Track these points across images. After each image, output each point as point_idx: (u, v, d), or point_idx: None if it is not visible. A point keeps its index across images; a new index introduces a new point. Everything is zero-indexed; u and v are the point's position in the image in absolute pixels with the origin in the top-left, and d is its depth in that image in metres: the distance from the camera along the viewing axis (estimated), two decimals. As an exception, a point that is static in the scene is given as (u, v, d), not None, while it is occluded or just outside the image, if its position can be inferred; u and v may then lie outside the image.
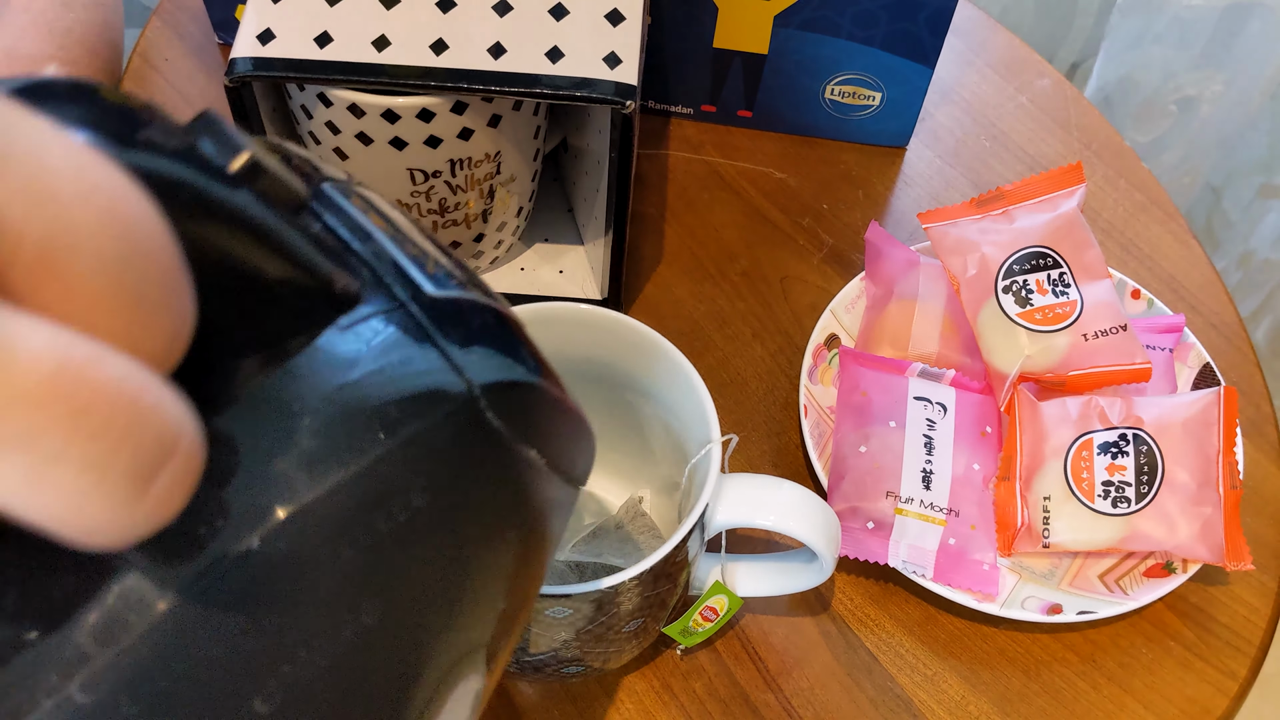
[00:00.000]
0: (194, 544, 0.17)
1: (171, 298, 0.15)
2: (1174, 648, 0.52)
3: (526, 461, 0.21)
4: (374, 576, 0.18)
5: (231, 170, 0.17)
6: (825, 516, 0.44)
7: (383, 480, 0.18)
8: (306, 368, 0.18)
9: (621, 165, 0.51)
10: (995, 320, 0.53)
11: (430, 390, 0.19)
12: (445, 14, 0.49)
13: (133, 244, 0.15)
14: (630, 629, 0.45)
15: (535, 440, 0.21)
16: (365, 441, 0.18)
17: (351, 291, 0.19)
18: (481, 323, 0.21)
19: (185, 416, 0.15)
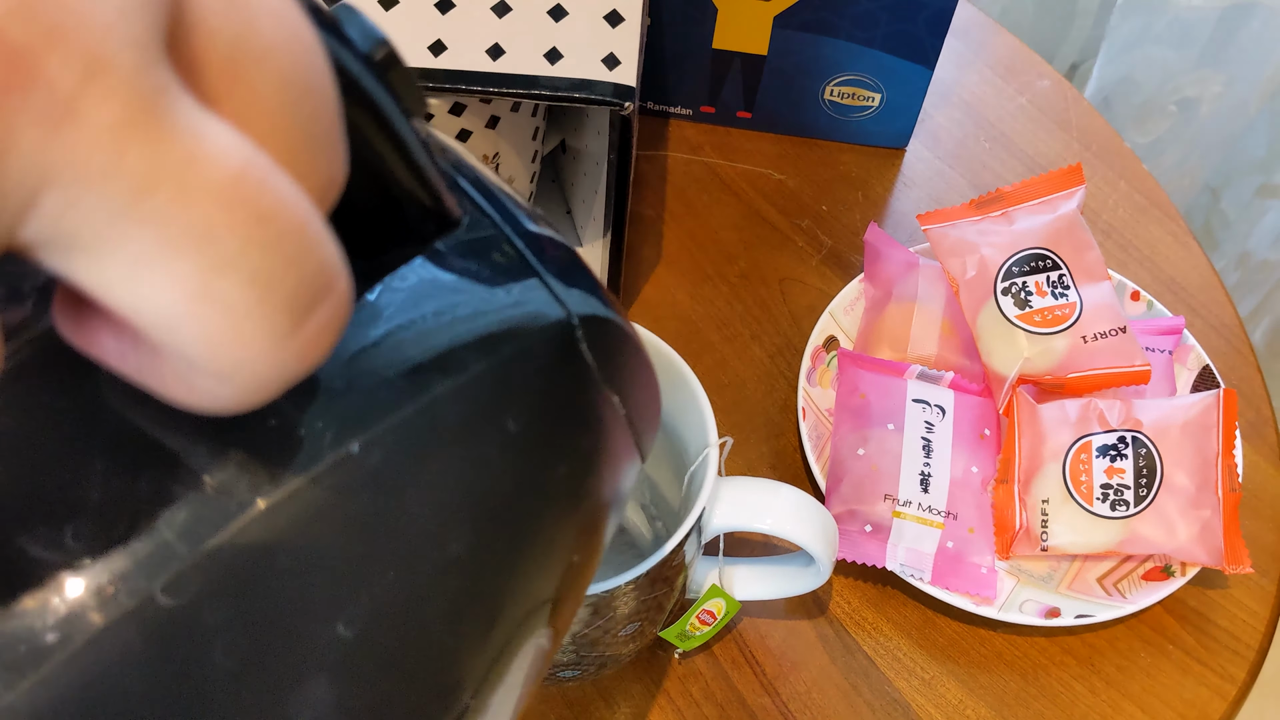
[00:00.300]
0: (293, 442, 0.16)
1: (334, 142, 0.15)
2: (1172, 651, 0.52)
3: (611, 405, 0.21)
4: (466, 501, 0.18)
5: (374, 57, 0.17)
6: (823, 520, 0.44)
7: (481, 398, 0.18)
8: (411, 279, 0.18)
9: (620, 167, 0.51)
10: (994, 322, 0.53)
11: (532, 314, 0.19)
12: (444, 15, 0.49)
13: (310, 75, 0.14)
14: (627, 632, 0.45)
15: (619, 385, 0.21)
16: (467, 357, 0.18)
17: (457, 214, 0.19)
18: (571, 261, 0.21)
19: (340, 259, 0.14)
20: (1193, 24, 0.88)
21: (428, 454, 0.17)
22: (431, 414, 0.17)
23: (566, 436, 0.20)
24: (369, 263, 0.18)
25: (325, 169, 0.15)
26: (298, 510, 0.16)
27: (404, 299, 0.18)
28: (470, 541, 0.18)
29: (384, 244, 0.18)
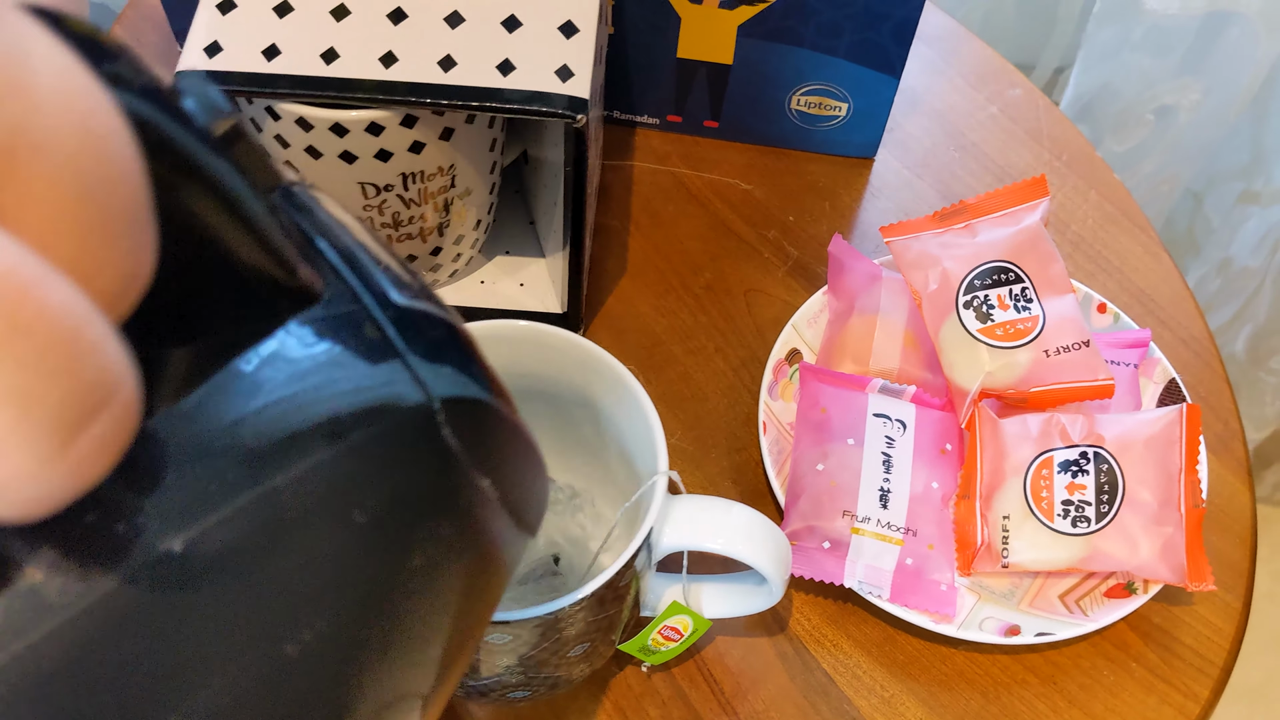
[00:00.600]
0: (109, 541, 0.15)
1: (134, 236, 0.14)
2: (1136, 669, 0.51)
3: (479, 490, 0.20)
4: (305, 599, 0.17)
5: (214, 132, 0.16)
6: (774, 540, 0.44)
7: (324, 489, 0.17)
8: (255, 360, 0.17)
9: (576, 179, 0.50)
10: (956, 336, 0.52)
11: (387, 397, 0.18)
12: (396, 25, 0.48)
13: (104, 165, 0.13)
14: (577, 653, 0.44)
15: (489, 468, 0.20)
16: (310, 444, 0.17)
17: (315, 288, 0.18)
18: (443, 336, 0.20)
19: (127, 366, 0.13)
20: (1171, 32, 0.88)
21: (262, 549, 0.16)
22: (267, 506, 0.16)
23: (423, 526, 0.19)
24: (212, 346, 0.17)
25: (122, 263, 0.14)
26: (111, 613, 0.15)
27: (246, 383, 0.17)
28: (310, 641, 0.17)
29: (230, 325, 0.17)
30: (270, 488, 0.16)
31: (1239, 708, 1.23)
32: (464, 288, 0.60)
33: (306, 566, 0.17)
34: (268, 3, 0.48)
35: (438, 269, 0.58)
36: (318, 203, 0.19)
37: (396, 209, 0.53)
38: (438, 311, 0.20)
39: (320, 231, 0.19)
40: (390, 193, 0.52)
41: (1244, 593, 0.54)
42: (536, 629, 0.40)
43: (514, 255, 0.61)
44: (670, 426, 0.57)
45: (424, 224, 0.54)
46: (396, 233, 0.54)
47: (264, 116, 0.49)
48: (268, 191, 0.18)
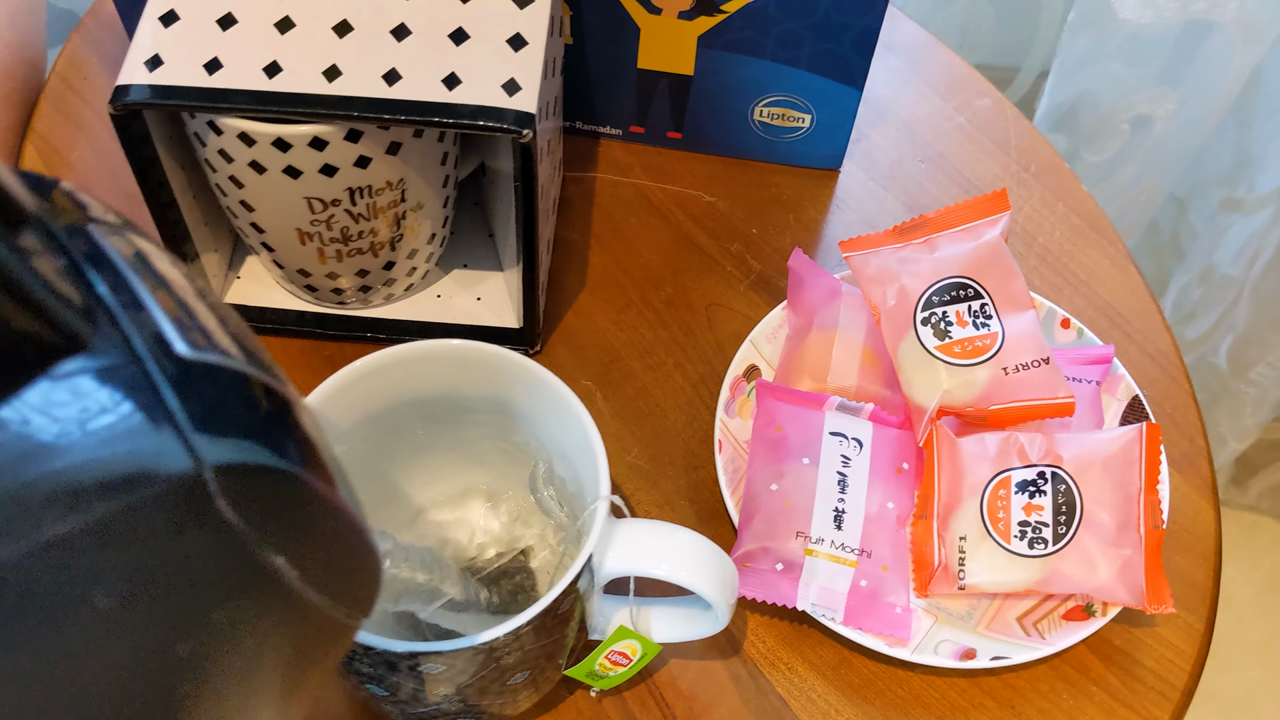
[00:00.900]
0: None
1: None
2: (1096, 693, 0.51)
3: (270, 570, 0.18)
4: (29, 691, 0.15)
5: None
6: (719, 565, 0.43)
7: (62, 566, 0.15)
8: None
9: (526, 194, 0.50)
10: (914, 353, 0.52)
11: (143, 464, 0.16)
12: (341, 38, 0.47)
13: None
14: (519, 680, 0.43)
15: (286, 544, 0.18)
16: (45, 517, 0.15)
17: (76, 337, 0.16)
18: (241, 396, 0.18)
19: None
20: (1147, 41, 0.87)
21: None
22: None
23: (189, 612, 0.17)
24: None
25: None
26: None
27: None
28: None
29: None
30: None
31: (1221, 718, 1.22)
32: (420, 302, 0.59)
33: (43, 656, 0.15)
34: (211, 15, 0.48)
35: (392, 283, 0.57)
36: (118, 248, 0.18)
37: (345, 224, 0.52)
38: (241, 367, 0.18)
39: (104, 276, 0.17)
40: (338, 208, 0.51)
41: (1207, 614, 0.53)
42: (473, 659, 0.40)
43: (472, 269, 0.60)
44: (627, 444, 0.56)
45: (375, 238, 0.53)
46: (346, 247, 0.53)
47: (207, 131, 0.48)
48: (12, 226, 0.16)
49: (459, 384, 0.47)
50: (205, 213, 0.55)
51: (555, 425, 0.45)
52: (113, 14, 0.70)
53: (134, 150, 0.48)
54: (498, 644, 0.39)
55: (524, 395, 0.46)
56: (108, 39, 0.69)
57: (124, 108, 0.46)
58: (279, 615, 0.18)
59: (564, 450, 0.46)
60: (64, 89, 0.67)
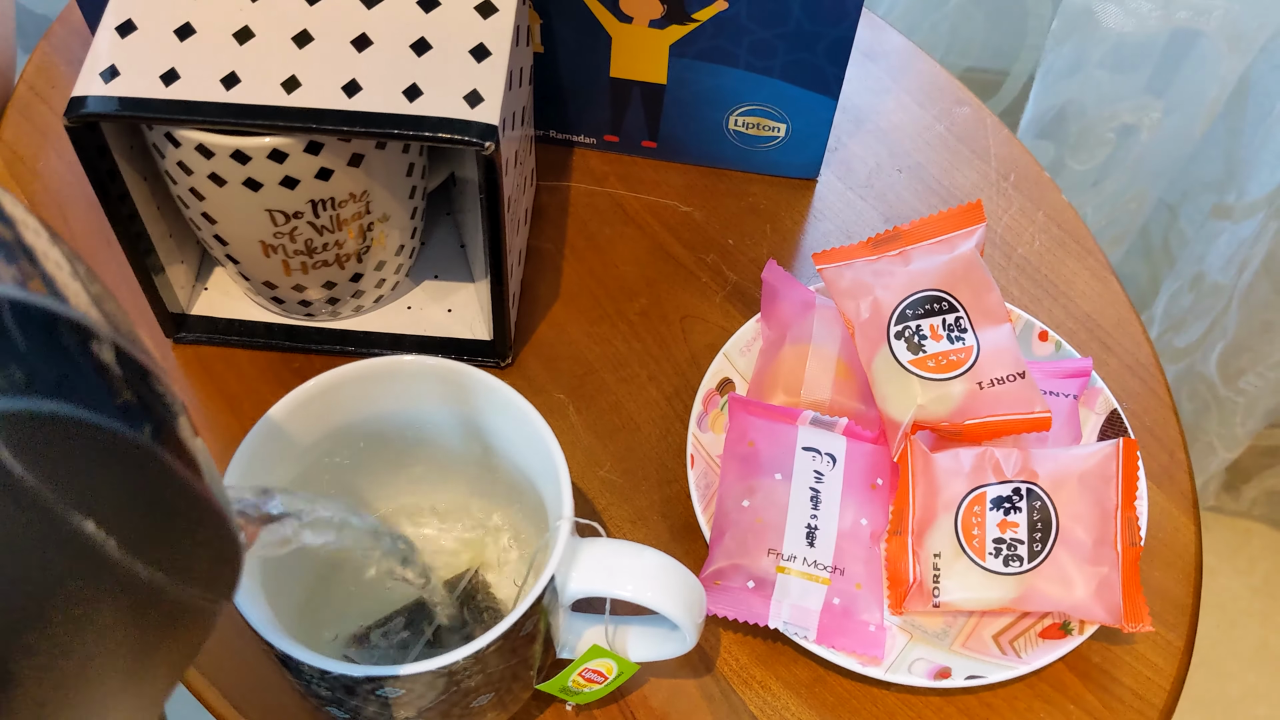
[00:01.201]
0: None
1: None
2: (1073, 711, 0.50)
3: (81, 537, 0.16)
4: None
5: None
6: (686, 586, 0.42)
7: None
8: None
9: (490, 206, 0.49)
10: (888, 367, 0.51)
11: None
12: (301, 49, 0.47)
13: None
14: (483, 702, 0.42)
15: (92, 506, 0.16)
16: None
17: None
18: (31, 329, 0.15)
19: None
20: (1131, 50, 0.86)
21: None
22: None
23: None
24: None
25: None
26: None
27: None
28: None
29: None
30: None
31: (1216, 726, 1.22)
32: (390, 313, 0.58)
33: None
34: (169, 25, 0.47)
35: (360, 295, 0.56)
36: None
37: (309, 236, 0.51)
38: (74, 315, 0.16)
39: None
40: (300, 220, 0.50)
41: (1186, 631, 0.52)
42: (433, 682, 0.39)
43: (443, 280, 0.59)
44: (600, 458, 0.56)
45: (340, 250, 0.53)
46: (311, 260, 0.52)
47: (165, 143, 0.47)
48: None
49: (424, 399, 0.46)
50: (170, 225, 0.54)
51: (520, 442, 0.45)
52: (82, 21, 0.69)
53: (92, 163, 0.47)
54: (457, 667, 0.38)
55: (489, 412, 0.45)
56: (77, 46, 0.68)
57: (80, 119, 0.45)
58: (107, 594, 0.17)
59: (529, 466, 0.45)
60: (32, 97, 0.66)
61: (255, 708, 0.48)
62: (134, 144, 0.50)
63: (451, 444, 0.48)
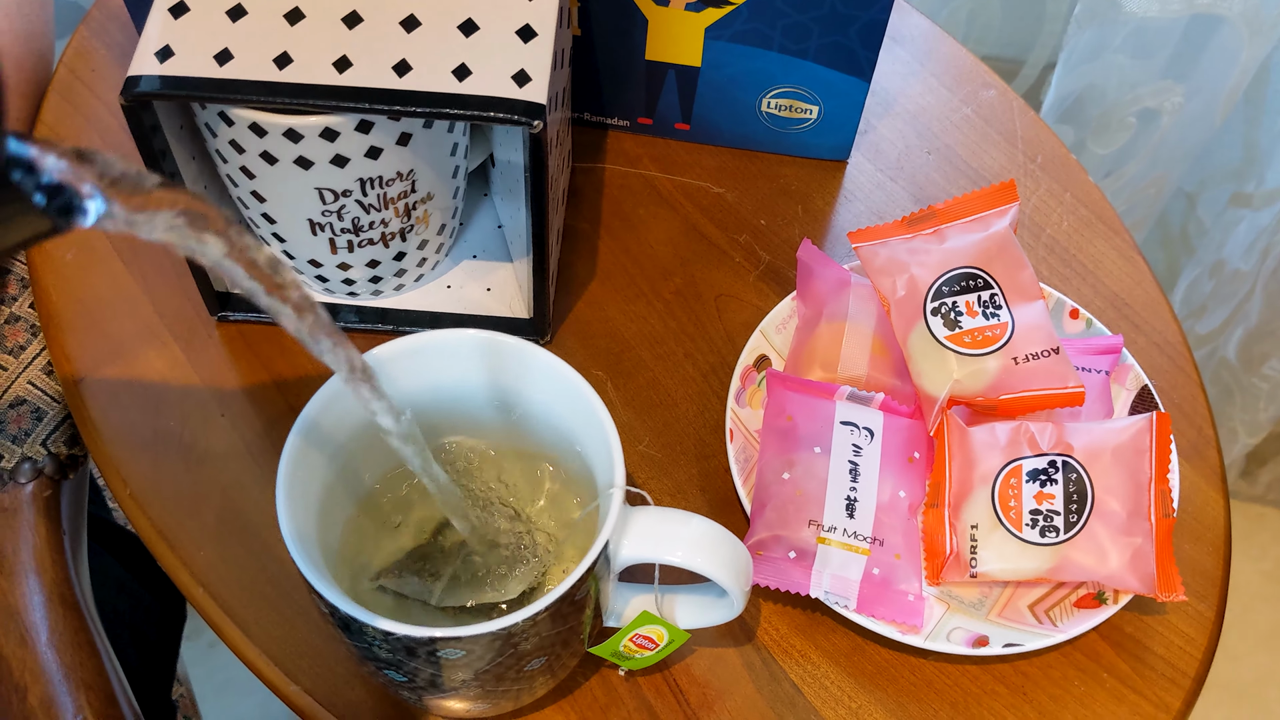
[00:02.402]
0: None
1: None
2: (1107, 680, 0.51)
3: None
4: None
5: None
6: (734, 552, 0.43)
7: None
8: None
9: (536, 184, 0.50)
10: (924, 343, 0.52)
11: None
12: (351, 30, 0.47)
13: None
14: (534, 667, 0.43)
15: None
16: None
17: None
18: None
19: None
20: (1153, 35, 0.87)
21: None
22: None
23: None
24: None
25: None
26: None
27: None
28: None
29: None
30: None
31: (1229, 706, 1.23)
32: (430, 292, 0.59)
33: None
34: (221, 6, 0.48)
35: (403, 274, 0.57)
36: None
37: (356, 214, 0.52)
38: None
39: None
40: (349, 198, 0.51)
41: (1217, 602, 0.53)
42: (490, 644, 0.40)
43: (482, 260, 0.60)
44: (638, 433, 0.57)
45: (386, 229, 0.53)
46: (358, 238, 0.53)
47: (218, 122, 0.48)
48: None
49: (471, 373, 0.47)
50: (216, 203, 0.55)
51: (568, 414, 0.46)
52: (119, 5, 0.70)
53: (144, 141, 0.48)
54: (516, 629, 0.39)
55: (536, 384, 0.46)
56: (115, 30, 0.69)
57: (134, 99, 0.46)
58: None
59: (576, 438, 0.46)
60: (72, 80, 0.67)
61: (305, 674, 0.49)
62: (184, 124, 0.51)
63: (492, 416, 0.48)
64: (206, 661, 1.16)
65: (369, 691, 0.49)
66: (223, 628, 0.50)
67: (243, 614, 0.50)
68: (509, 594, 0.47)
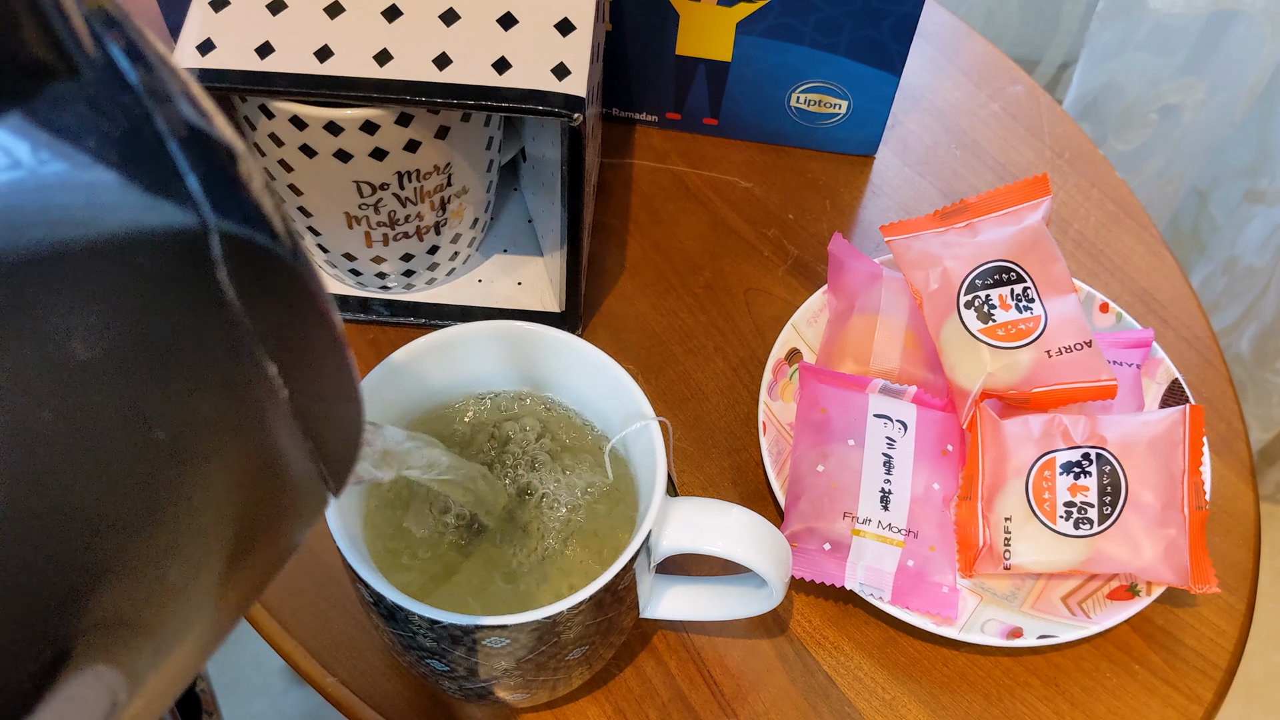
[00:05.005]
0: None
1: None
2: (1139, 672, 0.51)
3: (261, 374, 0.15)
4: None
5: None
6: (774, 542, 0.43)
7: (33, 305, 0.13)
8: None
9: (573, 178, 0.50)
10: (957, 336, 0.52)
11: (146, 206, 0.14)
12: (390, 23, 0.48)
13: None
14: (575, 656, 0.44)
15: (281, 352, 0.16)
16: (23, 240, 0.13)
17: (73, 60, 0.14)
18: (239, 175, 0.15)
19: None
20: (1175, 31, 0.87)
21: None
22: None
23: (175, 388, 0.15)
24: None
25: None
26: None
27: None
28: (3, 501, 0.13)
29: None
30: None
31: (1240, 704, 1.23)
32: (462, 286, 0.59)
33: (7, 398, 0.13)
34: (260, 0, 0.48)
35: (435, 267, 0.58)
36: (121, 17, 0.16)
37: (393, 207, 0.52)
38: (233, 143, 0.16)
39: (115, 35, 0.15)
40: (386, 191, 0.51)
41: (1247, 594, 0.53)
42: (534, 633, 0.40)
43: (512, 254, 0.61)
44: (669, 427, 0.57)
45: (421, 222, 0.54)
46: (393, 231, 0.54)
47: (258, 115, 0.49)
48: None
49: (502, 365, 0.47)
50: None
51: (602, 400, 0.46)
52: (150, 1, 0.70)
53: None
54: (560, 618, 0.39)
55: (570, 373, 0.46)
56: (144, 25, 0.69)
57: (178, 92, 0.46)
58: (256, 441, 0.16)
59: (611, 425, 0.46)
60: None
61: (342, 666, 0.50)
62: (222, 117, 0.51)
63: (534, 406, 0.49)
64: (216, 660, 1.17)
65: (404, 683, 0.49)
66: (260, 621, 0.51)
67: (279, 607, 0.51)
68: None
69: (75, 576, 0.14)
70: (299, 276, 0.16)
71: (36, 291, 0.13)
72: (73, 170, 0.14)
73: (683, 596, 0.47)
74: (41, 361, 0.13)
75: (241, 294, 0.15)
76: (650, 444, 0.43)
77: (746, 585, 0.46)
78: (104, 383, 0.14)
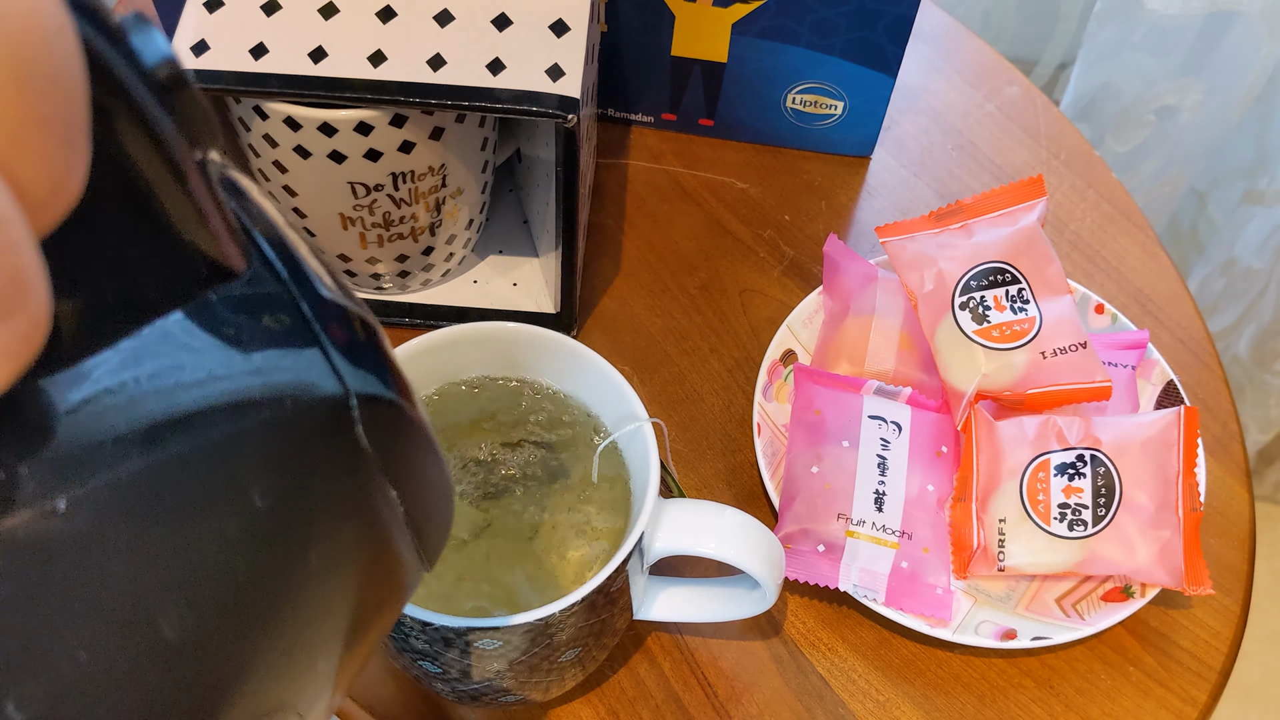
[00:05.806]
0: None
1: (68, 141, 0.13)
2: (1133, 673, 0.51)
3: (387, 499, 0.19)
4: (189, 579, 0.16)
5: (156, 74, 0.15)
6: (767, 544, 0.43)
7: (225, 465, 0.16)
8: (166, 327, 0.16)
9: (568, 179, 0.50)
10: (952, 337, 0.52)
11: (301, 383, 0.17)
12: (385, 24, 0.48)
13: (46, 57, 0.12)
14: (568, 658, 0.44)
15: (399, 479, 0.19)
16: (214, 419, 0.16)
17: (238, 265, 0.17)
18: (368, 340, 0.19)
19: (42, 278, 0.12)
20: (1172, 32, 0.87)
21: (151, 518, 0.15)
22: (161, 476, 0.15)
23: (325, 525, 0.18)
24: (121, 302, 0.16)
25: (53, 168, 0.13)
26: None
27: (154, 348, 0.16)
28: (188, 625, 0.16)
29: (144, 285, 0.16)
30: (168, 456, 0.15)
31: (1238, 704, 1.23)
32: (457, 287, 0.59)
33: (198, 543, 0.16)
34: (255, 1, 0.48)
35: (430, 268, 0.58)
36: (245, 185, 0.19)
37: (387, 209, 0.52)
38: (361, 311, 0.19)
39: (247, 211, 0.18)
40: (380, 192, 0.51)
41: (1242, 596, 0.53)
42: (527, 635, 0.40)
43: (507, 255, 0.61)
44: (664, 428, 0.57)
45: (415, 223, 0.54)
46: (388, 232, 0.54)
47: (252, 116, 0.49)
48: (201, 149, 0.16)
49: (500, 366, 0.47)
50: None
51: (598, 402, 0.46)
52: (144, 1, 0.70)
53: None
54: (553, 620, 0.39)
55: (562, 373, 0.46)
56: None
57: (172, 93, 0.46)
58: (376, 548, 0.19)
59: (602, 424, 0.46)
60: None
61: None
62: (218, 120, 0.51)
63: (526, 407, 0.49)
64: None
65: (398, 686, 0.49)
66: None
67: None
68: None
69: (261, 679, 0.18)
70: (417, 422, 0.19)
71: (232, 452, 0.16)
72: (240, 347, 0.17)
73: (676, 598, 0.47)
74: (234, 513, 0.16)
75: (373, 442, 0.18)
76: (644, 445, 0.43)
77: (740, 587, 0.46)
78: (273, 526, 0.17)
